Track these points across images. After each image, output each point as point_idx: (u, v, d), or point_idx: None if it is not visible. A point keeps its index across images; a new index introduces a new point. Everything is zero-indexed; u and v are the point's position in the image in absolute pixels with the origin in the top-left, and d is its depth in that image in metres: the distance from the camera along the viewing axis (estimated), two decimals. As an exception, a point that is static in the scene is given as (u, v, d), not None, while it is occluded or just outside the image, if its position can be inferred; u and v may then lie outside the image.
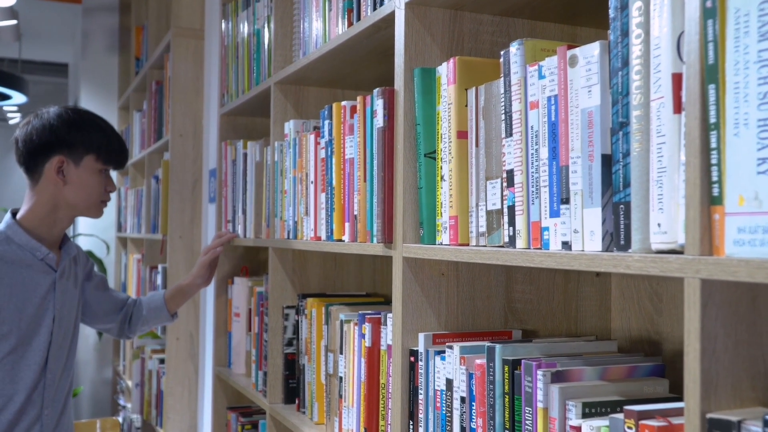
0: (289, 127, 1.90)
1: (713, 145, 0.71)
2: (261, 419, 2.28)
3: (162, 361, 3.36)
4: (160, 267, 3.33)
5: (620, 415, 0.84)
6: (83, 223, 5.13)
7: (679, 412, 0.81)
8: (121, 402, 4.59)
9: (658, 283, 1.31)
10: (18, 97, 5.73)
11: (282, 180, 1.95)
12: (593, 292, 1.42)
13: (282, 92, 2.01)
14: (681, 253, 0.77)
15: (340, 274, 2.06)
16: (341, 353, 1.62)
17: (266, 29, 2.17)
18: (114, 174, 4.80)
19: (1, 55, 6.49)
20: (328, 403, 1.69)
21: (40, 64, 7.41)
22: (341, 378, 1.62)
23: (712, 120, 0.71)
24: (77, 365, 5.12)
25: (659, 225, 0.80)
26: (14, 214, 1.85)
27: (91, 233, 5.02)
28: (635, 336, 1.35)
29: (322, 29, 1.78)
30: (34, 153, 1.81)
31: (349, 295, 1.96)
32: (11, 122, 7.91)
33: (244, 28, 2.38)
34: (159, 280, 3.30)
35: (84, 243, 5.03)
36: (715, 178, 0.71)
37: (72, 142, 1.81)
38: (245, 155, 2.30)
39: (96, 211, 1.89)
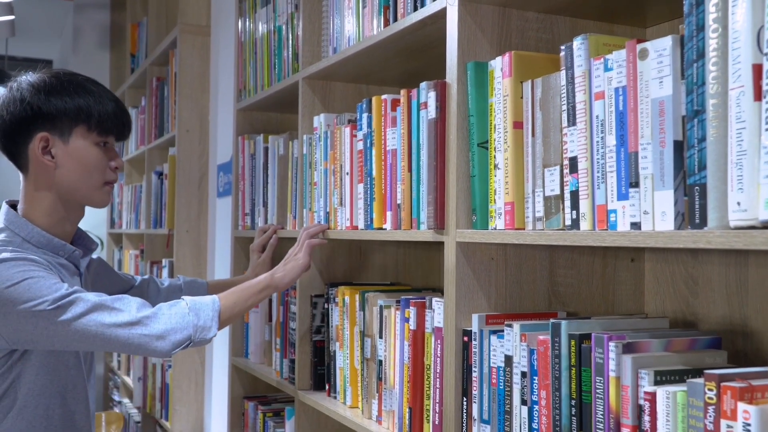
0: (320, 120, 1.96)
1: (800, 128, 0.79)
2: (281, 408, 2.33)
3: (167, 354, 3.39)
4: (165, 261, 3.36)
5: (699, 380, 0.91)
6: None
7: (755, 376, 0.89)
8: (116, 398, 4.60)
9: (693, 267, 1.39)
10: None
11: (311, 172, 2.00)
12: (628, 276, 1.50)
13: (310, 87, 2.06)
14: (762, 228, 0.84)
15: (365, 264, 2.12)
16: (380, 337, 1.68)
17: (289, 26, 2.22)
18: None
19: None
20: (365, 386, 1.75)
21: (22, 60, 7.36)
22: (380, 361, 1.68)
23: (799, 106, 0.79)
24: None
25: (738, 203, 0.87)
26: (12, 206, 1.59)
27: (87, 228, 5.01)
28: (670, 317, 1.42)
29: (355, 26, 1.84)
30: (11, 134, 1.53)
31: (376, 284, 2.02)
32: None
33: (263, 25, 2.43)
34: (165, 274, 3.33)
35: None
36: (801, 159, 0.79)
37: (54, 113, 1.50)
38: (266, 149, 2.35)
39: (101, 197, 1.59)
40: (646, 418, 0.99)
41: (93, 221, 5.02)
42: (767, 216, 0.83)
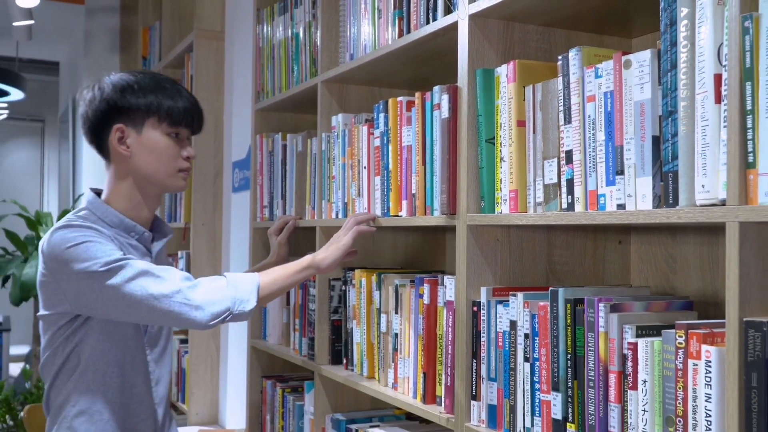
0: (338, 120, 2.16)
1: (749, 125, 1.00)
2: (299, 384, 2.53)
3: (183, 341, 3.59)
4: (182, 253, 3.56)
5: (672, 330, 1.12)
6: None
7: (716, 326, 1.10)
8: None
9: (673, 247, 1.61)
10: (16, 94, 5.89)
11: (329, 167, 2.21)
12: (616, 256, 1.71)
13: (328, 90, 2.27)
14: (720, 205, 1.05)
15: (377, 250, 2.32)
16: (396, 313, 1.89)
17: (306, 33, 2.42)
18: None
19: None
20: (381, 357, 1.95)
21: (28, 61, 7.53)
22: (396, 334, 1.88)
23: (749, 107, 1.00)
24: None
25: (703, 186, 1.08)
26: (96, 193, 1.76)
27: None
28: (653, 291, 1.63)
29: (372, 34, 2.04)
30: (95, 128, 1.73)
31: (387, 268, 2.22)
32: (-2, 119, 8.05)
33: (281, 32, 2.64)
34: (182, 265, 3.52)
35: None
36: (750, 149, 1.00)
37: (128, 107, 1.68)
38: (284, 146, 2.56)
39: (175, 182, 1.74)
40: (629, 364, 1.20)
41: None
42: (725, 195, 1.04)
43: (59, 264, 1.60)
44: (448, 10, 1.68)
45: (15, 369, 6.99)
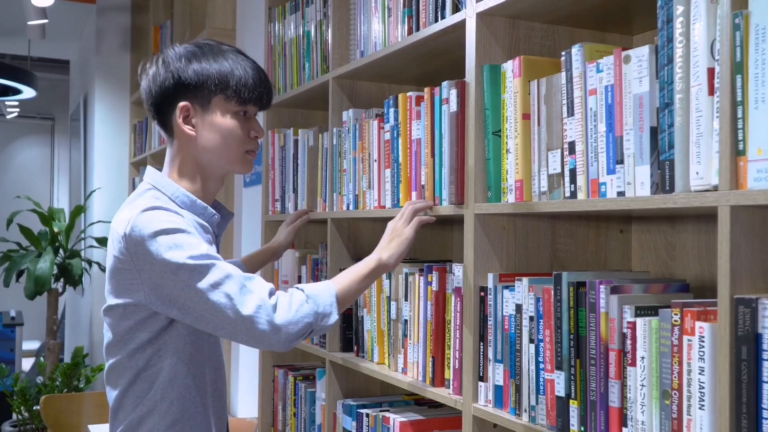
0: (348, 115, 2.24)
1: (739, 115, 1.07)
2: (309, 373, 2.61)
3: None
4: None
5: (668, 309, 1.19)
6: (98, 210, 5.40)
7: (709, 305, 1.17)
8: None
9: (672, 235, 1.68)
10: (28, 93, 5.98)
11: (341, 161, 2.28)
12: (618, 244, 1.78)
13: (339, 86, 2.34)
14: (713, 190, 1.12)
15: (386, 242, 2.39)
16: (406, 300, 1.96)
17: (318, 31, 2.50)
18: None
19: (8, 51, 6.74)
20: (392, 344, 2.03)
21: (38, 60, 7.63)
22: (406, 321, 1.96)
23: (739, 99, 1.07)
24: (98, 345, 5.39)
25: (697, 173, 1.15)
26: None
27: (109, 219, 5.29)
28: (653, 278, 1.70)
29: (382, 32, 2.11)
30: (158, 105, 1.59)
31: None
32: (9, 117, 8.13)
33: (292, 30, 2.71)
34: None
35: (102, 230, 5.31)
36: (740, 138, 1.07)
37: (195, 83, 1.55)
38: (296, 141, 2.63)
39: (242, 164, 1.63)
40: (628, 342, 1.27)
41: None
42: (717, 181, 1.11)
43: (143, 249, 1.44)
44: (456, 9, 1.76)
45: (26, 364, 7.08)
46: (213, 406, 1.60)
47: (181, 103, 1.56)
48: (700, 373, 1.13)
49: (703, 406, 1.12)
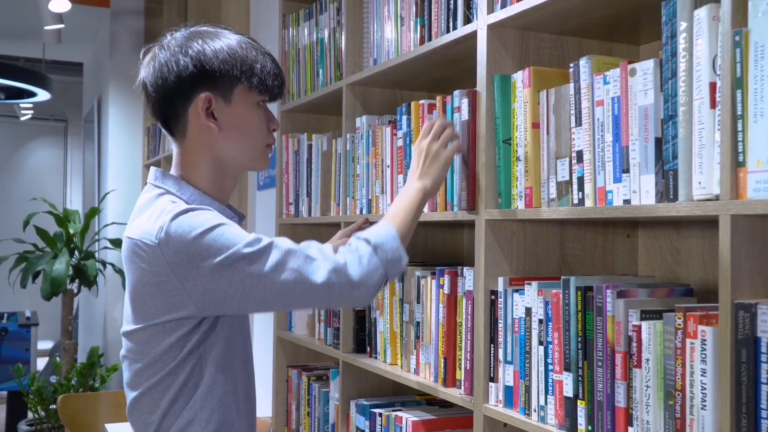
0: (362, 121, 2.29)
1: (739, 128, 1.12)
2: (323, 373, 2.67)
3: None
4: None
5: (671, 313, 1.25)
6: (112, 212, 5.47)
7: (711, 308, 1.22)
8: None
9: (677, 240, 1.72)
10: (42, 95, 6.06)
11: (354, 166, 2.34)
12: (625, 249, 1.83)
13: (352, 92, 2.40)
14: (715, 200, 1.17)
15: (399, 245, 2.44)
16: (418, 303, 2.01)
17: (331, 38, 2.55)
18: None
19: (22, 53, 6.83)
20: (404, 345, 2.08)
21: (51, 62, 7.71)
22: (418, 323, 2.01)
23: (739, 113, 1.12)
24: (112, 345, 5.47)
25: (700, 183, 1.20)
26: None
27: (123, 221, 5.37)
28: (658, 281, 1.75)
29: (395, 40, 2.17)
30: (170, 96, 1.41)
31: (409, 262, 2.34)
32: (23, 119, 8.23)
33: (306, 37, 2.77)
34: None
35: (117, 232, 5.38)
36: (740, 150, 1.12)
37: (217, 72, 1.38)
38: (309, 146, 2.69)
39: (263, 160, 1.50)
40: (634, 344, 1.32)
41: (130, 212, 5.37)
42: (718, 191, 1.16)
43: (187, 258, 1.31)
44: (468, 20, 1.81)
45: (40, 364, 7.16)
46: (245, 406, 1.51)
47: (203, 94, 1.40)
48: (702, 375, 1.18)
49: (705, 406, 1.17)
